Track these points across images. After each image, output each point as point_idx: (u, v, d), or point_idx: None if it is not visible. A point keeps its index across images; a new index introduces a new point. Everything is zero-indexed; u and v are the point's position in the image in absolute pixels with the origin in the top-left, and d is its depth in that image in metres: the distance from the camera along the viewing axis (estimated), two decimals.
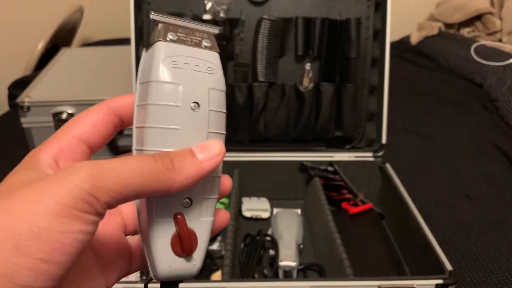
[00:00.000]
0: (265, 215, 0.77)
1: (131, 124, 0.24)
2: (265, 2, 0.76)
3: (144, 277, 0.63)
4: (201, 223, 0.24)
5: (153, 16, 0.24)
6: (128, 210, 0.27)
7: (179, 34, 0.24)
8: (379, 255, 0.68)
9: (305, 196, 0.80)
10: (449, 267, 0.55)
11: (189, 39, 0.24)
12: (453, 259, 0.68)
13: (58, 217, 0.18)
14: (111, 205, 0.20)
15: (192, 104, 0.23)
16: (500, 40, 1.46)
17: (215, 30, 0.25)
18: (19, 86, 1.13)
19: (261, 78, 0.77)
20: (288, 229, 0.70)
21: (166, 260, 0.23)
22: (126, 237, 0.27)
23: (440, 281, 0.53)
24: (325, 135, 0.81)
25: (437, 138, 1.02)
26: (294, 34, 0.77)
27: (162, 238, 0.23)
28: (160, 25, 0.24)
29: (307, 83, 0.78)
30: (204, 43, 0.24)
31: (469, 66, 1.31)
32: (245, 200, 0.80)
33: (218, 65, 0.24)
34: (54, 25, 1.34)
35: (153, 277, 0.24)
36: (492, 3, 1.49)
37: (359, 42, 0.77)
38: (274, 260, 0.65)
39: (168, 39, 0.23)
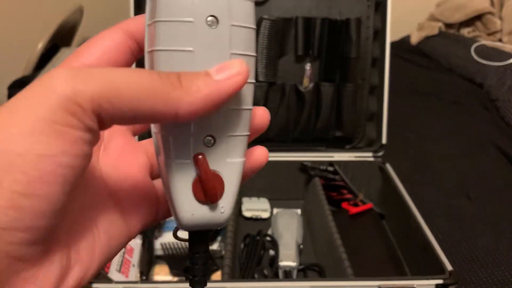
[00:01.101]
0: (265, 215, 0.77)
1: None
2: (265, 2, 0.76)
3: (144, 277, 0.63)
4: (228, 165, 0.20)
5: None
6: (153, 150, 0.22)
7: None
8: (379, 255, 0.68)
9: (305, 196, 0.80)
10: (449, 267, 0.55)
11: None
12: (453, 259, 0.67)
13: (34, 136, 0.15)
14: (102, 118, 0.16)
15: (209, 19, 0.19)
16: (500, 40, 1.45)
17: None
18: (18, 86, 1.13)
19: (261, 78, 0.77)
20: (288, 229, 0.70)
21: (188, 207, 0.20)
22: (153, 180, 0.23)
23: (440, 281, 0.52)
24: (325, 135, 0.81)
25: (437, 138, 1.02)
26: (294, 34, 0.77)
27: (182, 182, 0.20)
28: None
29: (307, 83, 0.78)
30: None
31: (469, 66, 1.31)
32: (245, 200, 0.80)
33: None
34: (54, 24, 1.34)
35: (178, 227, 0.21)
36: (492, 3, 1.49)
37: (359, 42, 0.77)
38: (274, 260, 0.65)
39: None
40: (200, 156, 0.19)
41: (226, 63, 0.19)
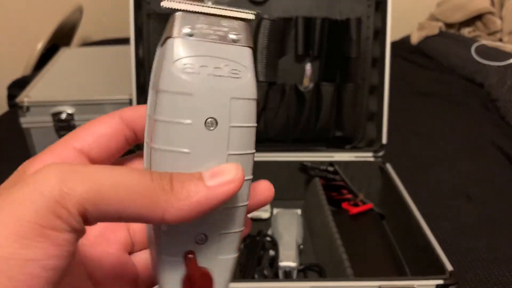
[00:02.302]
0: (265, 215, 0.77)
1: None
2: (265, 2, 0.76)
3: None
4: (219, 262, 0.20)
5: (164, 3, 0.18)
6: (136, 226, 0.22)
7: (198, 26, 0.18)
8: (379, 256, 0.67)
9: (305, 196, 0.80)
10: (449, 267, 0.54)
11: (212, 31, 0.18)
12: (454, 259, 0.67)
13: (21, 240, 0.14)
14: (87, 219, 0.16)
15: (208, 121, 0.18)
16: (500, 40, 1.45)
17: (248, 15, 0.20)
18: (18, 86, 1.13)
19: (261, 78, 0.77)
20: (288, 230, 0.69)
21: None
22: (132, 254, 0.23)
23: (440, 282, 0.52)
24: (325, 135, 0.81)
25: (437, 138, 1.02)
26: (294, 34, 0.77)
27: (172, 278, 0.19)
28: (176, 14, 0.18)
29: (307, 83, 0.78)
30: (232, 36, 0.19)
31: (470, 66, 1.31)
32: None
33: (247, 65, 0.20)
34: (54, 24, 1.34)
35: None
36: (492, 3, 1.49)
37: (359, 42, 0.77)
38: (274, 260, 0.64)
39: (183, 33, 0.18)
40: (190, 255, 0.19)
41: (221, 167, 0.18)
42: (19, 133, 0.89)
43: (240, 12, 0.19)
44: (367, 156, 0.80)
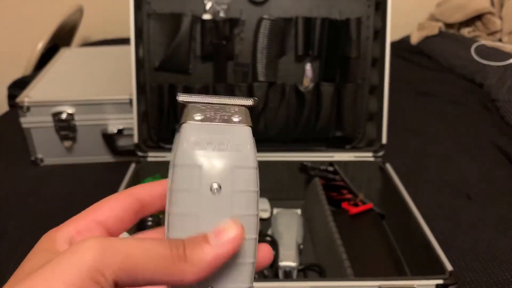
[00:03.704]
0: (265, 215, 0.77)
1: (152, 212, 0.25)
2: (265, 2, 0.76)
3: None
4: None
5: (180, 97, 0.23)
6: None
7: (207, 113, 0.23)
8: (379, 255, 0.67)
9: (305, 196, 0.80)
10: (449, 267, 0.55)
11: (218, 116, 0.23)
12: (453, 259, 0.67)
13: None
14: (118, 284, 0.19)
15: (214, 187, 0.21)
16: (500, 40, 1.45)
17: (248, 102, 0.24)
18: (18, 86, 1.13)
19: (261, 78, 0.77)
20: (288, 229, 0.69)
21: None
22: None
23: (440, 281, 0.52)
24: (325, 135, 0.81)
25: (437, 138, 1.02)
26: (294, 34, 0.77)
27: None
28: (189, 105, 0.23)
29: (307, 83, 0.78)
30: (234, 118, 0.23)
31: (470, 66, 1.31)
32: None
33: (247, 140, 0.23)
34: (54, 25, 1.34)
35: None
36: (492, 3, 1.49)
37: (359, 42, 0.77)
38: (274, 260, 0.64)
39: (194, 119, 0.22)
40: None
41: (223, 226, 0.21)
42: (20, 133, 0.89)
43: (241, 100, 0.24)
44: (367, 156, 0.80)
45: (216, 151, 0.22)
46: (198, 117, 0.23)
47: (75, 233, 0.23)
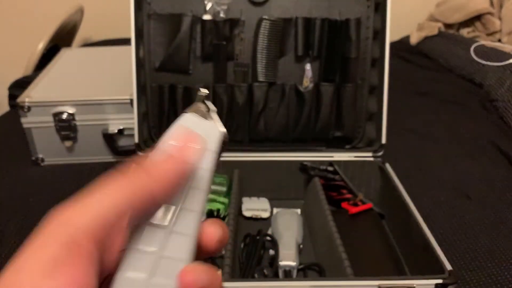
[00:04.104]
0: (265, 215, 0.77)
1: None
2: (265, 2, 0.77)
3: None
4: None
5: (201, 92, 0.26)
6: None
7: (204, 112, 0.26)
8: (379, 255, 0.68)
9: (305, 196, 0.80)
10: (448, 267, 0.55)
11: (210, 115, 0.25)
12: (453, 259, 0.68)
13: (46, 273, 0.18)
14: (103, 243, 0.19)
15: None
16: (499, 40, 1.46)
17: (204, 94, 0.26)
18: (19, 86, 1.13)
19: (261, 78, 0.77)
20: (288, 229, 0.70)
21: None
22: None
23: (439, 281, 0.53)
24: (325, 135, 0.81)
25: (436, 138, 1.02)
26: (294, 34, 0.77)
27: None
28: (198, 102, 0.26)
29: (307, 83, 0.79)
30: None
31: (469, 66, 1.31)
32: (245, 200, 0.80)
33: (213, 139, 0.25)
34: (55, 25, 1.34)
35: None
36: (491, 3, 1.49)
37: (359, 42, 0.77)
38: (274, 259, 0.65)
39: (197, 110, 0.25)
40: None
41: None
42: (20, 133, 0.89)
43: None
44: (366, 156, 0.80)
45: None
46: (201, 109, 0.25)
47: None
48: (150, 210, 0.22)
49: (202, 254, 0.23)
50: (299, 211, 0.78)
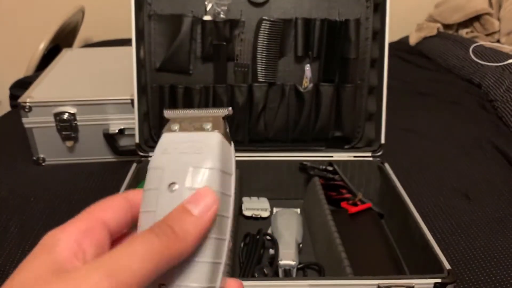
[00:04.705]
0: (265, 214, 0.77)
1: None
2: (265, 3, 0.77)
3: None
4: None
5: (165, 113, 0.26)
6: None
7: (183, 124, 0.26)
8: (378, 254, 0.68)
9: (305, 195, 0.81)
10: (447, 266, 0.55)
11: (192, 126, 0.25)
12: (452, 259, 0.68)
13: None
14: None
15: (171, 185, 0.23)
16: (498, 41, 1.46)
17: (222, 112, 0.26)
18: (20, 86, 1.14)
19: (261, 78, 0.78)
20: (287, 229, 0.70)
21: None
22: None
23: (438, 280, 0.53)
24: (324, 135, 0.81)
25: (435, 138, 1.03)
26: (293, 35, 0.78)
27: None
28: (170, 119, 0.26)
29: (306, 84, 0.79)
30: (206, 126, 0.25)
31: (468, 67, 1.31)
32: (245, 199, 0.80)
33: (213, 144, 0.24)
34: (56, 26, 1.35)
35: None
36: (490, 4, 1.49)
37: (358, 43, 0.77)
38: (274, 259, 0.65)
39: (170, 130, 0.26)
40: None
41: (197, 192, 0.23)
42: (22, 133, 0.90)
43: (216, 111, 0.26)
44: (366, 156, 0.80)
45: (179, 154, 0.24)
46: (174, 127, 0.26)
47: (79, 234, 0.22)
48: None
49: None
50: (298, 210, 0.79)
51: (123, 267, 0.19)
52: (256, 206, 0.78)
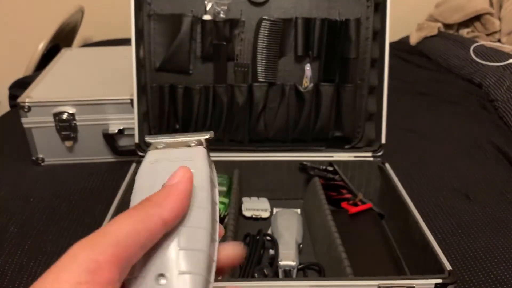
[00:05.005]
0: (265, 214, 0.77)
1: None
2: (265, 3, 0.77)
3: None
4: None
5: (147, 139, 0.28)
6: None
7: (168, 144, 0.28)
8: (379, 255, 0.68)
9: (305, 196, 0.81)
10: (448, 266, 0.55)
11: (177, 145, 0.28)
12: (452, 259, 0.68)
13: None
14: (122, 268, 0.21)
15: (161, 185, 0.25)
16: (499, 41, 1.46)
17: (204, 135, 0.28)
18: (19, 86, 1.14)
19: (261, 78, 0.78)
20: (288, 229, 0.70)
21: None
22: None
23: (439, 281, 0.53)
24: (324, 135, 0.81)
25: (436, 138, 1.02)
26: (294, 35, 0.77)
27: None
28: (154, 142, 0.28)
29: (306, 84, 0.79)
30: (191, 144, 0.28)
31: (468, 67, 1.31)
32: (245, 200, 0.80)
33: (200, 156, 0.27)
34: (55, 25, 1.35)
35: None
36: (491, 4, 1.49)
37: (358, 43, 0.77)
38: (274, 259, 0.65)
39: (157, 148, 0.28)
40: None
41: (175, 172, 0.25)
42: (21, 133, 0.90)
43: (199, 134, 0.28)
44: (366, 156, 0.80)
45: (169, 162, 0.26)
46: (160, 146, 0.28)
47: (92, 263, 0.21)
48: (161, 235, 0.23)
49: (220, 272, 0.26)
50: (299, 211, 0.78)
51: (105, 236, 0.21)
52: (256, 207, 0.78)
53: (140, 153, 0.79)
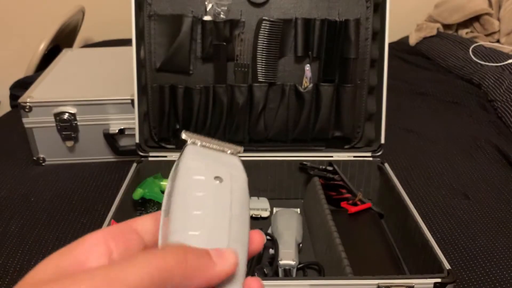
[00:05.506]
0: (265, 214, 0.77)
1: None
2: (265, 3, 0.77)
3: None
4: None
5: (184, 133, 0.27)
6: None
7: (204, 143, 0.27)
8: (378, 254, 0.68)
9: (305, 195, 0.81)
10: (447, 266, 0.55)
11: (213, 146, 0.28)
12: (452, 258, 0.68)
13: None
14: None
15: (216, 180, 0.25)
16: (498, 41, 1.46)
17: (239, 148, 0.28)
18: (20, 86, 1.14)
19: (261, 78, 0.78)
20: (287, 229, 0.70)
21: None
22: None
23: (438, 280, 0.53)
24: (324, 135, 0.82)
25: (435, 138, 1.03)
26: (293, 35, 0.78)
27: None
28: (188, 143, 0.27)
29: (306, 84, 0.79)
30: (227, 151, 0.28)
31: (468, 67, 1.31)
32: None
33: (238, 164, 0.27)
34: (56, 26, 1.35)
35: None
36: (490, 4, 1.49)
37: (358, 43, 0.78)
38: (274, 259, 0.65)
39: (194, 143, 0.27)
40: None
41: (224, 252, 0.23)
42: (22, 133, 0.90)
43: (232, 145, 0.28)
44: (365, 155, 0.80)
45: (216, 162, 0.26)
46: (197, 142, 0.27)
47: (107, 235, 0.23)
48: None
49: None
50: (298, 210, 0.79)
51: (119, 278, 0.19)
52: (256, 206, 0.78)
53: (141, 153, 0.79)
